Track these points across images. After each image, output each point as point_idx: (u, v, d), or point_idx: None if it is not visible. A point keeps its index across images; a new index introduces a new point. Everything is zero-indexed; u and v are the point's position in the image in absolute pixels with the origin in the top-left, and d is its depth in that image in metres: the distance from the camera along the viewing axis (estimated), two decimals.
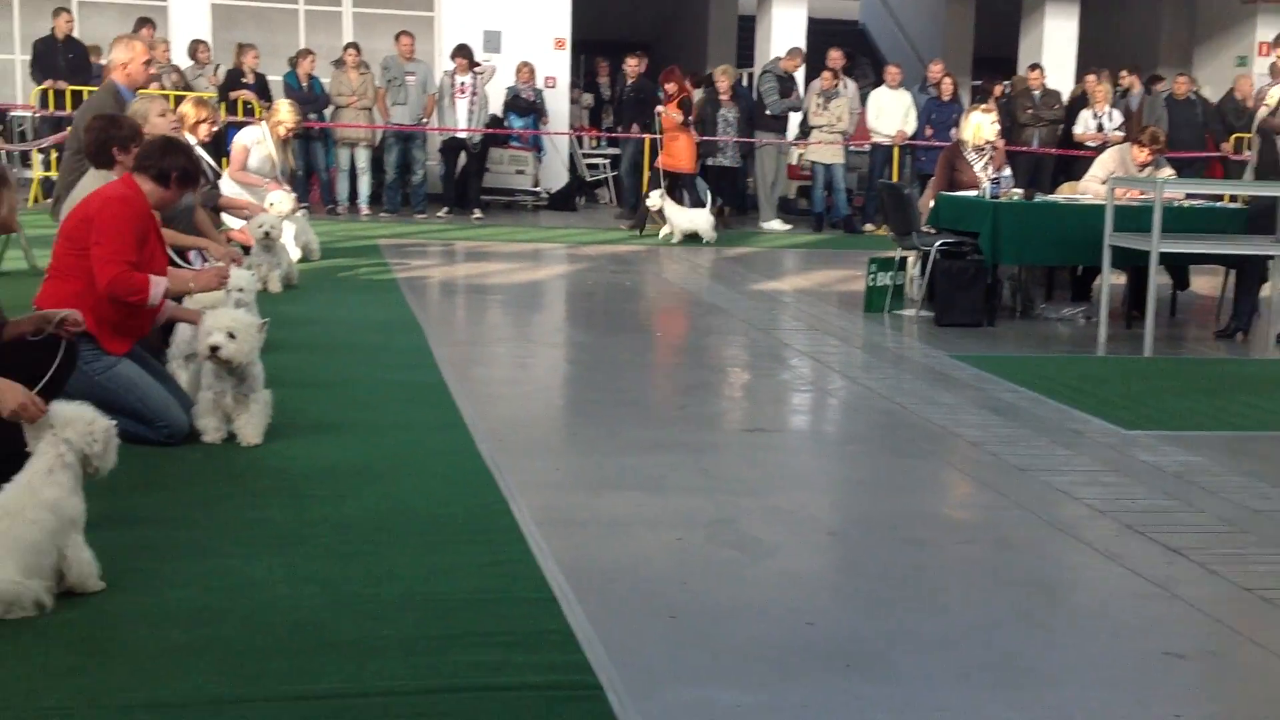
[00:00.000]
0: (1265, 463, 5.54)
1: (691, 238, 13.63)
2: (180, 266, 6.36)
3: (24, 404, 3.66)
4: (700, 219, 13.73)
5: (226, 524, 4.24)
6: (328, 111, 15.27)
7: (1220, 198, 11.01)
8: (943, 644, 3.55)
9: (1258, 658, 3.54)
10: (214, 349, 5.02)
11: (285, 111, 10.48)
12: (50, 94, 14.46)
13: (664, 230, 13.86)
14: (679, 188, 14.57)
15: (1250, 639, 3.65)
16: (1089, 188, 9.84)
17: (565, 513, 4.58)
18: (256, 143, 10.35)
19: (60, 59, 14.54)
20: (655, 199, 13.84)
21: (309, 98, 15.12)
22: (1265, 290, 9.19)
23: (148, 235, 5.13)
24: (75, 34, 15.07)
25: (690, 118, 14.74)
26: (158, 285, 5.09)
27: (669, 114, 14.57)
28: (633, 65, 15.83)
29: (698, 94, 15.76)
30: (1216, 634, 3.67)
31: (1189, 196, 9.82)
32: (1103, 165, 9.90)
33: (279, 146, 10.42)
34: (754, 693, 3.20)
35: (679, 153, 14.57)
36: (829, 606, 3.85)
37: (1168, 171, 9.83)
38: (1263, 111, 9.38)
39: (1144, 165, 9.64)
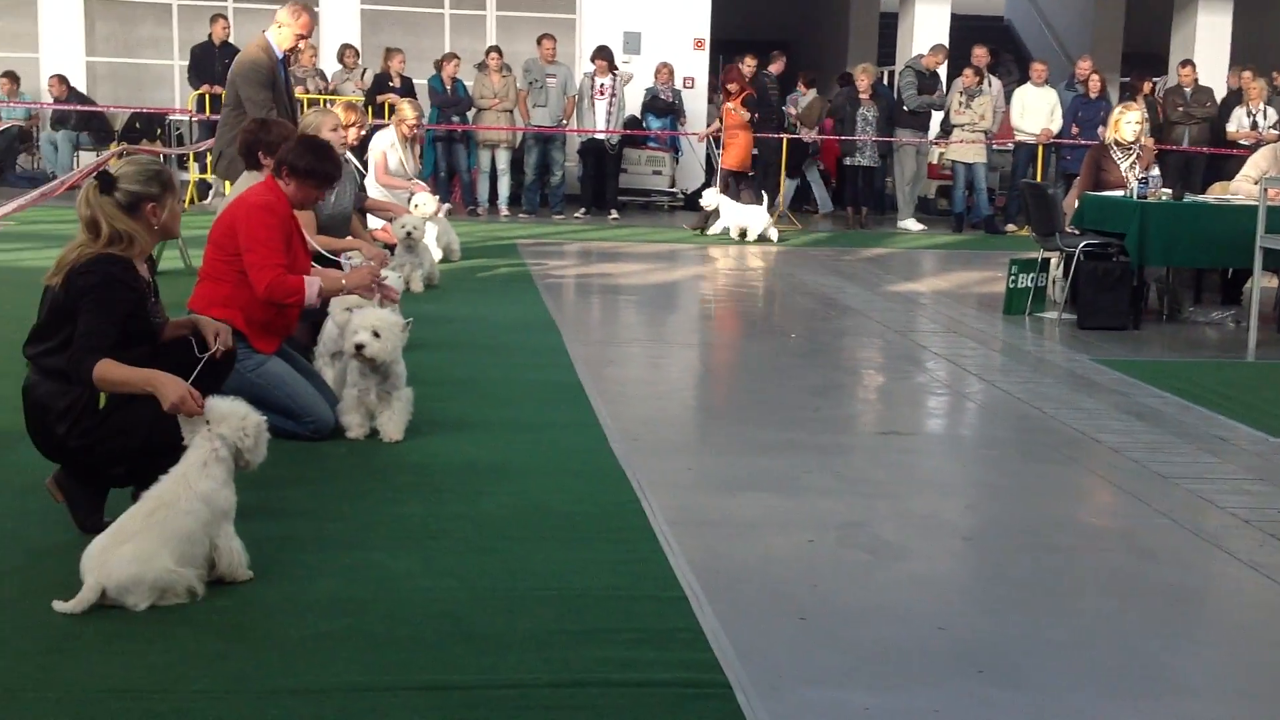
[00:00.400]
0: None
1: (760, 237, 13.68)
2: (330, 266, 6.55)
3: (183, 398, 3.83)
4: (753, 216, 13.72)
5: (369, 518, 4.37)
6: (470, 114, 15.55)
7: None
8: (1077, 651, 3.50)
9: None
10: (359, 347, 5.18)
11: (407, 109, 10.74)
12: (207, 98, 14.97)
13: (716, 226, 13.89)
14: (737, 185, 14.68)
15: None
16: (1241, 188, 9.55)
17: (696, 512, 4.62)
18: (391, 145, 10.62)
19: (217, 64, 15.05)
20: (710, 196, 13.89)
21: (452, 100, 15.43)
22: None
23: (291, 237, 5.31)
24: (231, 39, 15.59)
25: (754, 115, 14.83)
26: (312, 286, 5.28)
27: (736, 110, 14.58)
28: (749, 65, 15.85)
29: (836, 92, 15.73)
30: None
31: None
32: (1255, 165, 9.59)
33: (403, 145, 10.69)
34: (883, 695, 3.21)
35: (735, 151, 14.64)
36: (961, 611, 3.83)
37: None
38: None
39: None
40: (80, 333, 3.92)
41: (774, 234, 13.74)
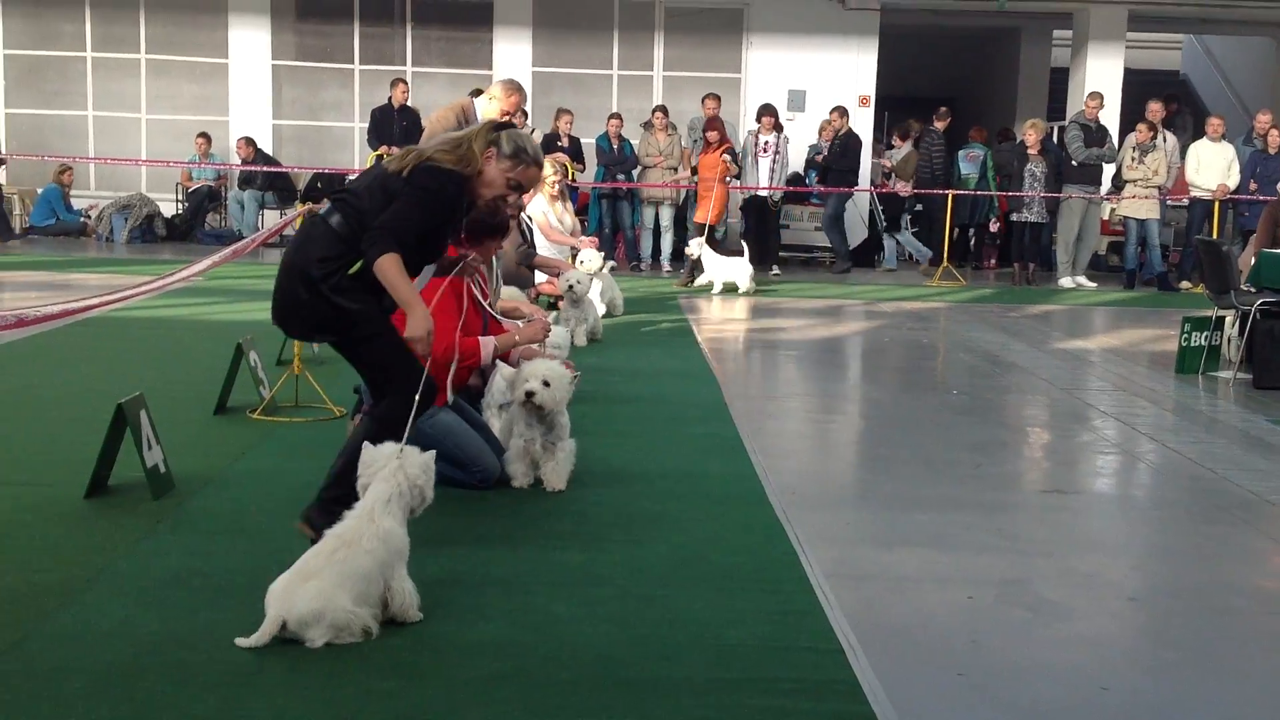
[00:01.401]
0: None
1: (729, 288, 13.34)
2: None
3: (423, 338, 4.21)
4: (738, 269, 13.36)
5: (531, 564, 4.50)
6: (635, 171, 15.83)
7: None
8: (1241, 713, 3.42)
9: None
10: (530, 394, 5.35)
11: (546, 169, 10.94)
12: (384, 158, 15.54)
13: (700, 279, 13.62)
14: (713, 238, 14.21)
15: None
16: None
17: (854, 566, 4.63)
18: (543, 212, 10.93)
19: (395, 126, 15.65)
20: (694, 247, 13.55)
21: (618, 159, 15.74)
22: None
23: (460, 295, 5.46)
24: (410, 103, 16.18)
25: (737, 167, 14.61)
26: (487, 346, 5.53)
27: (717, 160, 14.23)
28: (835, 119, 15.73)
29: (1002, 147, 15.54)
30: None
31: None
32: None
33: (552, 204, 10.99)
34: None
35: (711, 204, 14.07)
36: (1125, 672, 3.77)
37: None
38: None
39: None
40: (392, 214, 4.25)
41: (750, 284, 13.31)
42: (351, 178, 4.23)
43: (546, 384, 5.36)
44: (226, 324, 9.70)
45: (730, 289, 13.35)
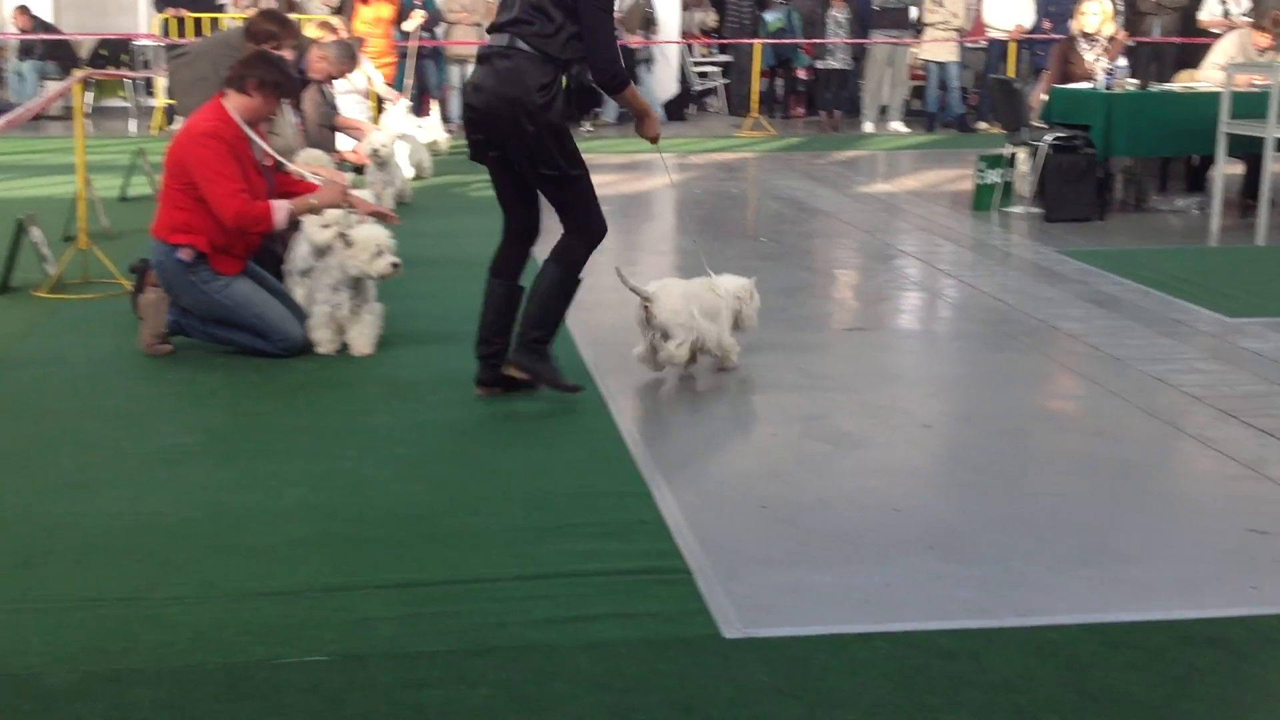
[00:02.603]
0: None
1: None
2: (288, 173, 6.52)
3: (658, 135, 4.92)
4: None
5: (340, 429, 4.46)
6: (439, 29, 15.41)
7: None
8: (1027, 526, 3.62)
9: None
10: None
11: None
12: (171, 23, 14.83)
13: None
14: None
15: None
16: (1207, 75, 9.57)
17: (662, 412, 4.72)
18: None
19: None
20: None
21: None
22: None
23: (243, 160, 5.30)
24: None
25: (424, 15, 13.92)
26: (279, 211, 5.32)
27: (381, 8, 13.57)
28: None
29: None
30: None
31: None
32: (1222, 51, 9.61)
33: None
34: (837, 573, 3.32)
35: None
36: (917, 493, 3.94)
37: None
38: None
39: (1265, 50, 9.34)
40: (601, 37, 4.46)
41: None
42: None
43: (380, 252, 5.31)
44: (4, 200, 9.22)
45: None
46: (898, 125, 15.54)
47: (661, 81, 17.20)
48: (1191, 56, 14.50)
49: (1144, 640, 2.92)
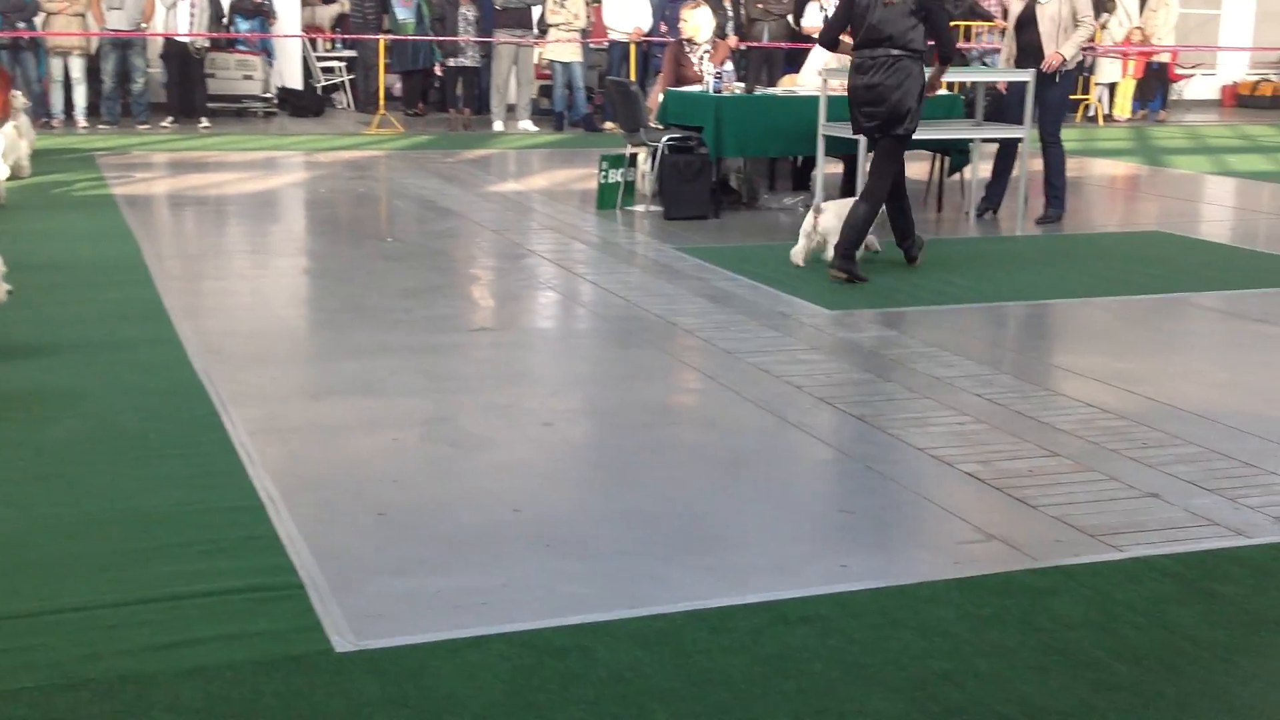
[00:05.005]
0: (951, 333, 5.94)
1: None
2: None
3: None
4: None
5: None
6: (38, 20, 14.41)
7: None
8: (641, 519, 3.74)
9: (924, 510, 3.86)
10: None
11: None
12: None
13: None
14: None
15: (917, 493, 3.96)
16: (806, 80, 10.16)
17: (280, 421, 4.58)
18: None
19: None
20: None
21: (16, 5, 14.25)
22: (966, 173, 9.75)
23: None
24: None
25: None
26: None
27: None
28: None
29: None
30: (889, 491, 3.98)
31: None
32: (819, 57, 10.21)
33: None
34: (455, 577, 3.32)
35: None
36: (536, 492, 3.99)
37: None
38: (1016, 6, 9.46)
39: None
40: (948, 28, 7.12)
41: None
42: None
43: None
44: None
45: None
46: (527, 124, 15.71)
47: (283, 75, 16.75)
48: (799, 61, 15.37)
49: (743, 622, 3.06)
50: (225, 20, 15.81)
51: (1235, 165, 12.92)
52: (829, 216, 7.16)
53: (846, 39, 7.12)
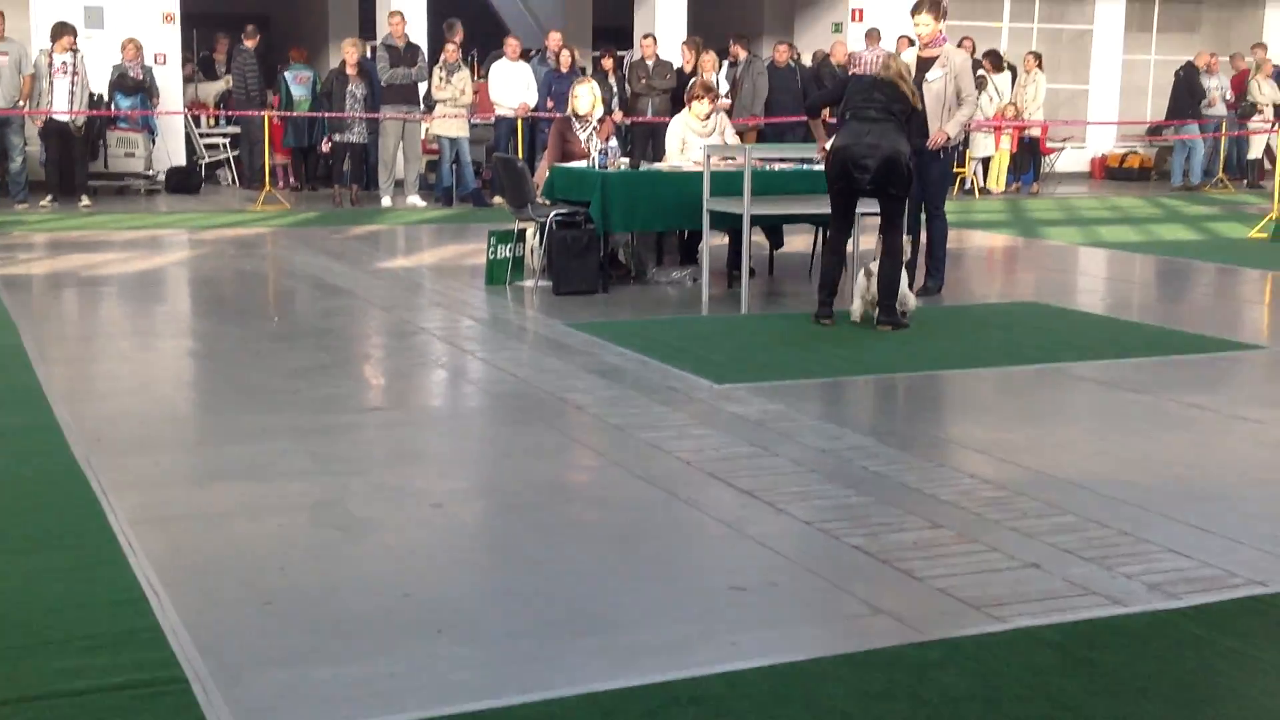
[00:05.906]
0: (836, 406, 6.05)
1: None
2: None
3: None
4: None
5: None
6: None
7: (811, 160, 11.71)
8: (532, 600, 3.73)
9: (810, 584, 3.90)
10: None
11: None
12: None
13: None
14: None
15: (805, 568, 4.01)
16: (673, 150, 10.35)
17: (162, 509, 4.50)
18: None
19: None
20: None
21: None
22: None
23: None
24: None
25: None
26: None
27: None
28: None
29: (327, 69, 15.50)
30: (777, 566, 4.02)
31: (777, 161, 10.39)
32: (673, 134, 10.47)
33: None
34: (344, 666, 3.28)
35: None
36: (425, 575, 3.97)
37: (727, 123, 10.60)
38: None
39: (706, 117, 10.30)
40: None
41: None
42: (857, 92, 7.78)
43: None
44: None
45: None
46: (415, 200, 15.71)
47: (166, 153, 16.59)
48: None
49: (636, 705, 3.06)
50: (106, 98, 15.62)
51: (1106, 236, 13.36)
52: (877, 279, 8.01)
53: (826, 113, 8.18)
